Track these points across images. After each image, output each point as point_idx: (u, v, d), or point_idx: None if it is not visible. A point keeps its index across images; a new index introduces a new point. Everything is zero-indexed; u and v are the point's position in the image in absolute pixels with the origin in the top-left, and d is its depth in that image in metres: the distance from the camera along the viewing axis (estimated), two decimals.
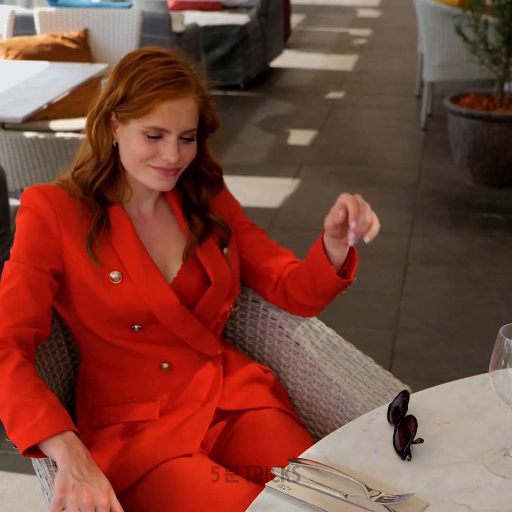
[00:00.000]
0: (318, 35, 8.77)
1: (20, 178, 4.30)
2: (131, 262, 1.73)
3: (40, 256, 1.70)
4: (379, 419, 1.54)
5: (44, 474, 1.52)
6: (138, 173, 1.73)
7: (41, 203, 1.73)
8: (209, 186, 1.86)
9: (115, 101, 1.70)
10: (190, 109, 1.70)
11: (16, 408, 1.52)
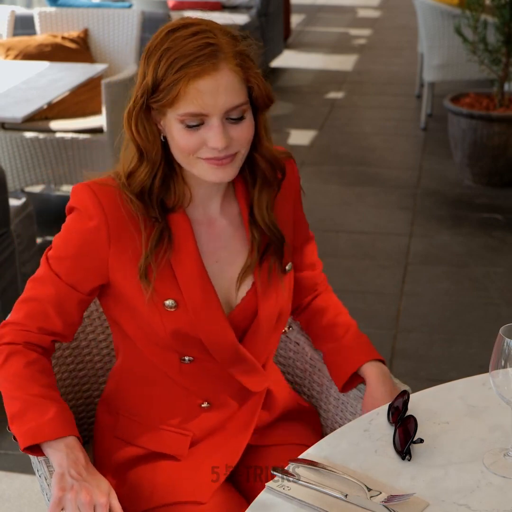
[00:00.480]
0: (318, 35, 8.77)
1: (20, 178, 4.31)
2: (191, 289, 1.54)
3: (78, 277, 1.55)
4: (379, 419, 1.54)
5: (43, 474, 1.52)
6: (191, 167, 1.51)
7: (93, 210, 1.52)
8: (263, 184, 1.59)
9: (147, 91, 1.47)
10: (226, 82, 1.44)
11: (26, 403, 1.50)
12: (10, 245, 3.10)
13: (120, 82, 4.23)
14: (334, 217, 4.62)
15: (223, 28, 1.49)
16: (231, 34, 1.49)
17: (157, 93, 1.45)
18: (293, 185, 1.69)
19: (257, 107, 1.52)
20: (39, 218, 3.63)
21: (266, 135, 1.56)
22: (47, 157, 4.25)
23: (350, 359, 1.75)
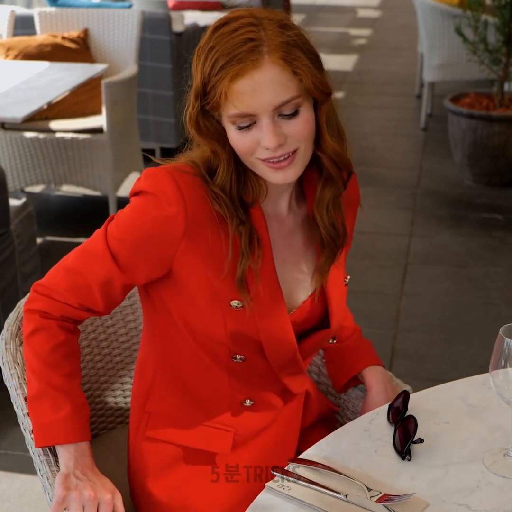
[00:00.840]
0: (318, 35, 8.73)
1: (20, 178, 4.31)
2: (259, 291, 1.47)
3: (137, 266, 1.47)
4: (379, 419, 1.54)
5: (45, 474, 1.52)
6: (253, 167, 1.43)
7: (173, 198, 1.42)
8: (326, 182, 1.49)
9: (199, 94, 1.40)
10: (271, 78, 1.34)
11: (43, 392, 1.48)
12: (10, 245, 3.11)
13: (120, 82, 4.24)
14: None
15: (273, 16, 1.38)
16: (280, 22, 1.38)
17: (206, 95, 1.39)
18: (355, 194, 1.63)
19: (316, 99, 1.42)
20: (39, 218, 3.64)
21: (328, 130, 1.45)
22: (47, 157, 4.25)
23: (351, 361, 1.75)
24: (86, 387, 1.86)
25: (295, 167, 1.42)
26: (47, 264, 3.67)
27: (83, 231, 4.28)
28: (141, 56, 4.83)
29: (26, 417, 1.56)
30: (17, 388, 1.59)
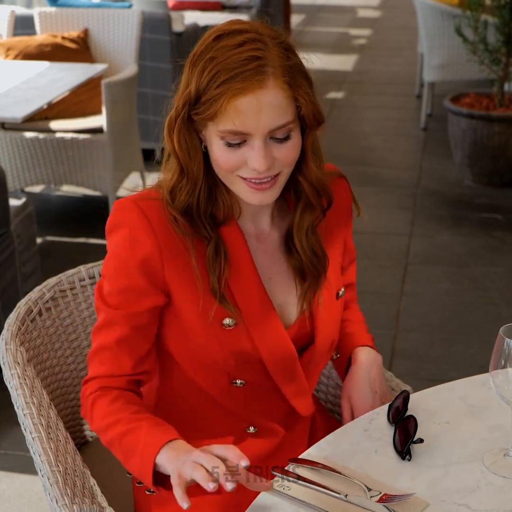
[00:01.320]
0: (318, 35, 8.77)
1: (20, 178, 4.31)
2: (250, 306, 1.47)
3: (136, 298, 1.46)
4: (379, 419, 1.54)
5: (46, 474, 1.52)
6: (230, 184, 1.42)
7: (144, 234, 1.43)
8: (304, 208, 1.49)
9: (189, 101, 1.37)
10: (272, 101, 1.33)
11: (121, 439, 1.44)
12: (10, 245, 3.11)
13: (120, 82, 4.24)
14: None
15: (276, 35, 1.39)
16: (284, 43, 1.39)
17: (198, 105, 1.36)
18: (346, 204, 1.60)
19: (305, 126, 1.41)
20: (39, 218, 3.64)
21: (313, 157, 1.45)
22: (47, 157, 4.25)
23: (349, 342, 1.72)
24: None
25: (274, 190, 1.42)
26: (47, 264, 3.68)
27: (83, 231, 4.28)
28: (141, 56, 4.83)
29: (26, 417, 1.56)
30: (18, 388, 1.59)
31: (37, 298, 1.74)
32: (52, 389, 1.75)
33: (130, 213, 1.44)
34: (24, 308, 1.71)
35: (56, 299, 1.77)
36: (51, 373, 1.76)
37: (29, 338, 1.70)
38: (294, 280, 1.54)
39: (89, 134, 4.25)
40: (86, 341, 1.84)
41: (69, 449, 1.58)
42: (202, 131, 1.40)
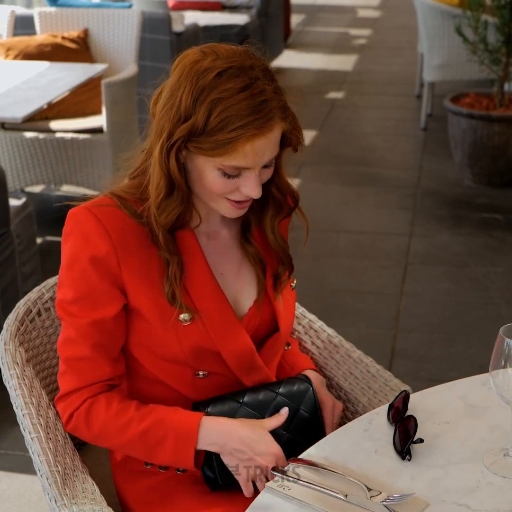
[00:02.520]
0: (318, 35, 8.77)
1: (20, 178, 4.31)
2: (204, 301, 1.54)
3: (99, 302, 1.51)
4: (379, 419, 1.54)
5: (45, 474, 1.52)
6: (211, 202, 1.51)
7: (97, 235, 1.48)
8: (276, 210, 1.61)
9: (192, 132, 1.42)
10: (276, 140, 1.46)
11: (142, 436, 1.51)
12: (10, 245, 3.10)
13: (120, 82, 4.24)
14: (334, 217, 4.62)
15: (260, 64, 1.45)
16: (270, 75, 1.46)
17: (201, 140, 1.42)
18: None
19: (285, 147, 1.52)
20: (39, 218, 3.63)
21: (284, 169, 1.58)
22: (47, 157, 4.25)
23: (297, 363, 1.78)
24: None
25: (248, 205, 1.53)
26: (47, 264, 3.67)
27: None
28: (141, 56, 4.83)
29: (25, 417, 1.56)
30: (17, 389, 1.59)
31: (36, 298, 1.74)
32: (51, 389, 1.75)
33: (83, 219, 1.50)
34: (23, 308, 1.71)
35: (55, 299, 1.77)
36: (50, 373, 1.76)
37: (28, 338, 1.70)
38: (246, 272, 1.61)
39: (89, 134, 4.25)
40: None
41: (68, 449, 1.58)
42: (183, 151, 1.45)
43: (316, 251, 4.18)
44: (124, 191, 1.54)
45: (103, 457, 1.82)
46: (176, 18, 5.46)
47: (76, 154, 4.21)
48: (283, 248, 1.63)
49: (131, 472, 1.63)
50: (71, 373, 1.54)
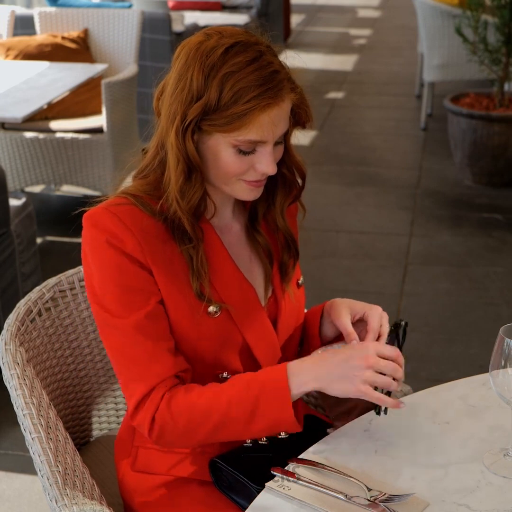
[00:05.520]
0: (318, 35, 8.77)
1: (20, 178, 4.31)
2: (230, 292, 1.53)
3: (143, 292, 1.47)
4: (379, 419, 1.54)
5: (45, 474, 1.52)
6: (227, 186, 1.49)
7: (122, 234, 1.46)
8: (286, 191, 1.59)
9: (206, 110, 1.42)
10: (287, 111, 1.46)
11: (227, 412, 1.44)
12: (10, 245, 3.11)
13: (120, 82, 4.24)
14: (334, 217, 4.62)
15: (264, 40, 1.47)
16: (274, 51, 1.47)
17: (216, 117, 1.41)
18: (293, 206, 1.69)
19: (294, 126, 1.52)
20: (39, 218, 3.64)
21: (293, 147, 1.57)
22: (47, 157, 4.25)
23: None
24: (86, 388, 1.86)
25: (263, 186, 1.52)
26: (47, 264, 3.68)
27: None
28: (141, 56, 4.83)
29: (25, 417, 1.56)
30: (17, 389, 1.58)
31: (37, 298, 1.74)
32: (52, 389, 1.75)
33: (104, 220, 1.48)
34: (23, 308, 1.71)
35: (56, 299, 1.77)
36: (50, 373, 1.76)
37: (28, 338, 1.70)
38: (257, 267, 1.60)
39: (89, 134, 4.25)
40: (85, 341, 1.84)
41: (69, 449, 1.58)
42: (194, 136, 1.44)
43: (316, 251, 4.18)
44: (137, 189, 1.52)
45: (103, 457, 1.83)
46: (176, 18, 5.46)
47: (76, 154, 4.21)
48: (290, 232, 1.61)
49: (136, 474, 1.62)
50: (136, 379, 1.47)
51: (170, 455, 1.59)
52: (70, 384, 1.84)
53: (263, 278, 1.60)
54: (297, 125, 1.53)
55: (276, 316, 1.61)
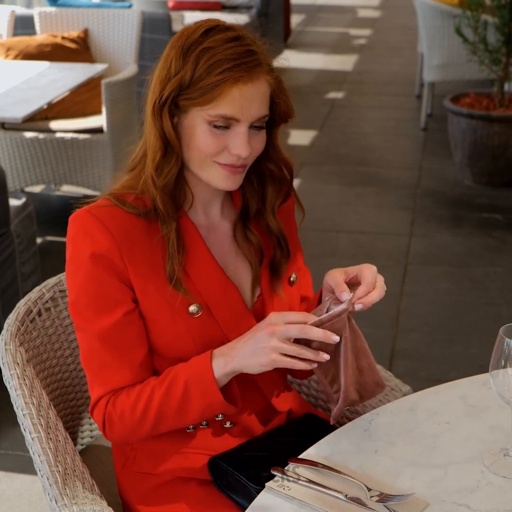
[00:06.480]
0: (318, 35, 8.77)
1: (20, 178, 4.31)
2: (212, 291, 1.53)
3: (112, 300, 1.49)
4: (379, 419, 1.54)
5: (45, 474, 1.52)
6: (202, 170, 1.49)
7: (100, 236, 1.48)
8: (276, 188, 1.60)
9: (180, 87, 1.45)
10: (263, 92, 1.46)
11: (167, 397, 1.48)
12: (10, 245, 3.11)
13: (120, 82, 4.24)
14: (334, 217, 4.62)
15: (254, 37, 1.51)
16: (265, 44, 1.52)
17: (190, 90, 1.44)
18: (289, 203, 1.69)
19: (275, 121, 1.54)
20: (39, 218, 3.64)
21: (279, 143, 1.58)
22: (47, 157, 4.25)
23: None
24: (86, 388, 1.86)
25: (242, 177, 1.52)
26: (47, 264, 3.67)
27: None
28: (141, 56, 4.83)
29: (25, 417, 1.56)
30: (17, 389, 1.59)
31: (37, 298, 1.74)
32: (52, 389, 1.75)
33: (84, 220, 1.50)
34: (23, 308, 1.71)
35: (56, 299, 1.77)
36: (50, 373, 1.76)
37: (28, 338, 1.70)
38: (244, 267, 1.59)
39: (89, 134, 4.25)
40: None
41: (69, 449, 1.58)
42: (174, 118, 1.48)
43: (316, 251, 4.18)
44: (123, 186, 1.54)
45: (103, 457, 1.83)
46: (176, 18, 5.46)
47: (76, 154, 4.21)
48: (282, 232, 1.61)
49: (136, 474, 1.62)
50: (97, 382, 1.53)
51: (169, 455, 1.59)
52: (70, 384, 1.84)
53: (250, 278, 1.59)
54: (279, 118, 1.53)
55: (264, 316, 1.57)
